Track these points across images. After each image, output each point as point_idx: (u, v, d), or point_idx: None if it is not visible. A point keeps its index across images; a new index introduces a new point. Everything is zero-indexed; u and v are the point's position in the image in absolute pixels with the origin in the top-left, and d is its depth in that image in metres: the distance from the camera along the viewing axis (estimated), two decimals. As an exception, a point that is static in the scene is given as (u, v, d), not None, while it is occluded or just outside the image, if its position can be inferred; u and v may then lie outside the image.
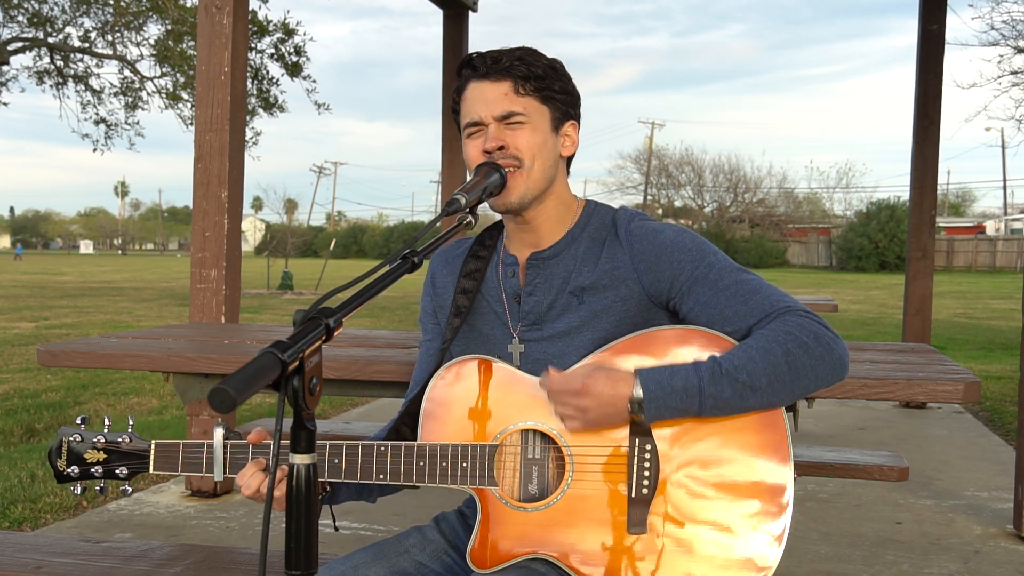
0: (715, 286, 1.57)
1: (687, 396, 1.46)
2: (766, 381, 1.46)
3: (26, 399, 6.65)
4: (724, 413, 1.49)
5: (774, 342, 1.48)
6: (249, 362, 1.03)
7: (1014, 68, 15.86)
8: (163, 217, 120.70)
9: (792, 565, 3.38)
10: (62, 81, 17.56)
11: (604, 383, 1.48)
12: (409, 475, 1.57)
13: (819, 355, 1.49)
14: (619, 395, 1.47)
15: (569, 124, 1.69)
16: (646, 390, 1.46)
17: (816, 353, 1.49)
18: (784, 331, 1.49)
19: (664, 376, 1.48)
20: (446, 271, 1.80)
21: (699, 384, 1.46)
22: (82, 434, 1.70)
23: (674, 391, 1.46)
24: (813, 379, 1.49)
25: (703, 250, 1.61)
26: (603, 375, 1.49)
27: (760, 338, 1.50)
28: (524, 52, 1.63)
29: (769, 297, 1.55)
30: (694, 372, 1.47)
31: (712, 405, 1.47)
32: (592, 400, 1.47)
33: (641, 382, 1.47)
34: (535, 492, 1.58)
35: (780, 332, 1.50)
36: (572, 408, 1.50)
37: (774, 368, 1.47)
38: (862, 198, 59.43)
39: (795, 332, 1.49)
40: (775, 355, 1.47)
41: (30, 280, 26.75)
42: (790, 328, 1.50)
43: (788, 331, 1.49)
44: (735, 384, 1.46)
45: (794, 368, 1.47)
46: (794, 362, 1.47)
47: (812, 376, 1.49)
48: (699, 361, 1.50)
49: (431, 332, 1.82)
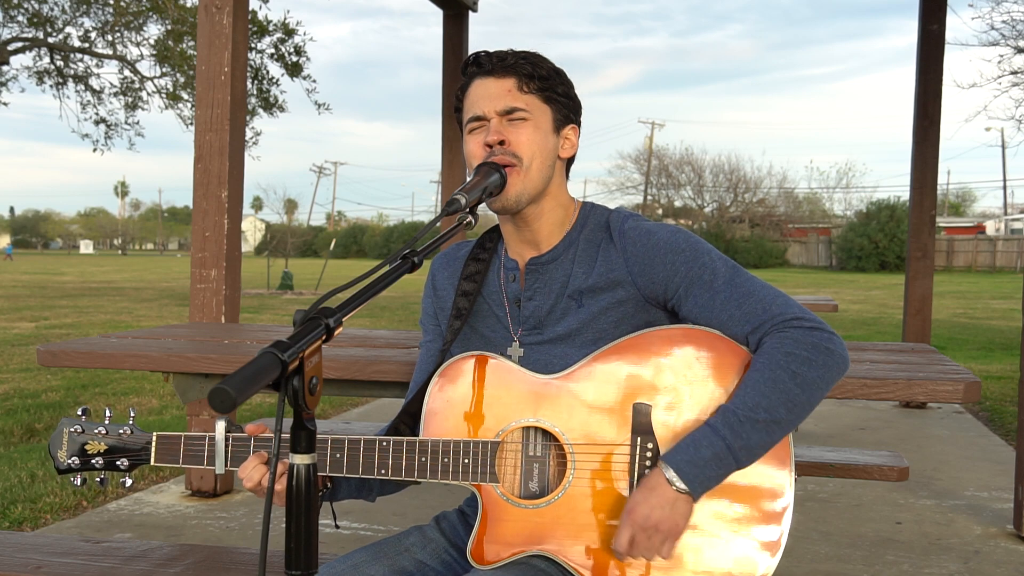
0: (710, 288, 1.57)
1: (720, 461, 1.46)
2: (785, 410, 1.46)
3: (26, 399, 6.65)
4: (761, 455, 1.49)
5: (778, 368, 1.48)
6: (249, 362, 1.03)
7: (1014, 68, 15.87)
8: (163, 217, 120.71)
9: (792, 565, 3.38)
10: (62, 81, 17.55)
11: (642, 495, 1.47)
12: (411, 470, 1.57)
13: (822, 364, 1.49)
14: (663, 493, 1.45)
15: (570, 127, 1.69)
16: (680, 472, 1.45)
17: (819, 363, 1.49)
18: (783, 353, 1.49)
19: (690, 453, 1.46)
20: (447, 273, 1.80)
21: (726, 444, 1.45)
22: (83, 425, 1.69)
23: (706, 462, 1.45)
24: (824, 387, 1.50)
25: (697, 251, 1.61)
26: (636, 493, 1.48)
27: (763, 369, 1.49)
28: (530, 54, 1.64)
29: (762, 301, 1.55)
30: (715, 435, 1.46)
31: (746, 455, 1.47)
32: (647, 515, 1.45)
33: (671, 466, 1.46)
34: (536, 489, 1.58)
35: (780, 355, 1.49)
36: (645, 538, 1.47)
37: (787, 395, 1.47)
38: (862, 198, 59.48)
39: (794, 351, 1.49)
40: (783, 382, 1.47)
41: (30, 280, 26.76)
42: (788, 348, 1.49)
43: (787, 352, 1.49)
44: (757, 424, 1.45)
45: (805, 387, 1.48)
46: (803, 381, 1.47)
47: (822, 385, 1.50)
48: (711, 420, 1.48)
49: (431, 333, 1.83)
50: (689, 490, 1.45)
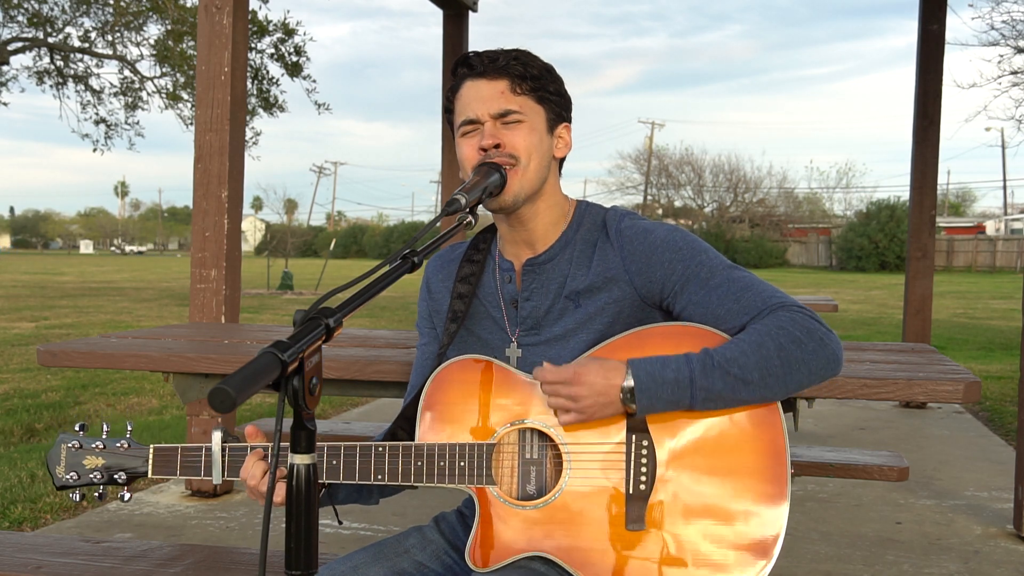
0: (707, 284, 1.58)
1: (679, 387, 1.47)
2: (758, 375, 1.47)
3: (26, 399, 6.65)
4: (717, 406, 1.50)
5: (767, 336, 1.49)
6: (249, 362, 1.03)
7: (1014, 68, 15.86)
8: (163, 217, 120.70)
9: (792, 565, 3.38)
10: (62, 81, 17.54)
11: (596, 372, 1.48)
12: (407, 475, 1.58)
13: (812, 349, 1.50)
14: (611, 384, 1.48)
15: (563, 126, 1.70)
16: (637, 380, 1.47)
17: (809, 348, 1.49)
18: (777, 326, 1.50)
19: (656, 367, 1.48)
20: (441, 275, 1.80)
21: (690, 376, 1.47)
22: (81, 440, 1.69)
23: (665, 382, 1.47)
24: (806, 373, 1.50)
25: (694, 249, 1.61)
26: (595, 364, 1.50)
27: (753, 332, 1.51)
28: (520, 53, 1.64)
29: (761, 294, 1.56)
30: (686, 364, 1.48)
31: (704, 397, 1.48)
32: (584, 388, 1.48)
33: (632, 372, 1.48)
34: (532, 491, 1.58)
35: (773, 327, 1.50)
36: (564, 398, 1.50)
37: (766, 362, 1.47)
38: (862, 198, 59.48)
39: (787, 327, 1.50)
40: (767, 349, 1.48)
41: (30, 280, 26.76)
42: (783, 323, 1.51)
43: (780, 326, 1.50)
44: (727, 377, 1.47)
45: (786, 362, 1.48)
46: (786, 356, 1.48)
47: (805, 370, 1.50)
48: (691, 353, 1.50)
49: (427, 336, 1.83)
50: (636, 404, 1.47)
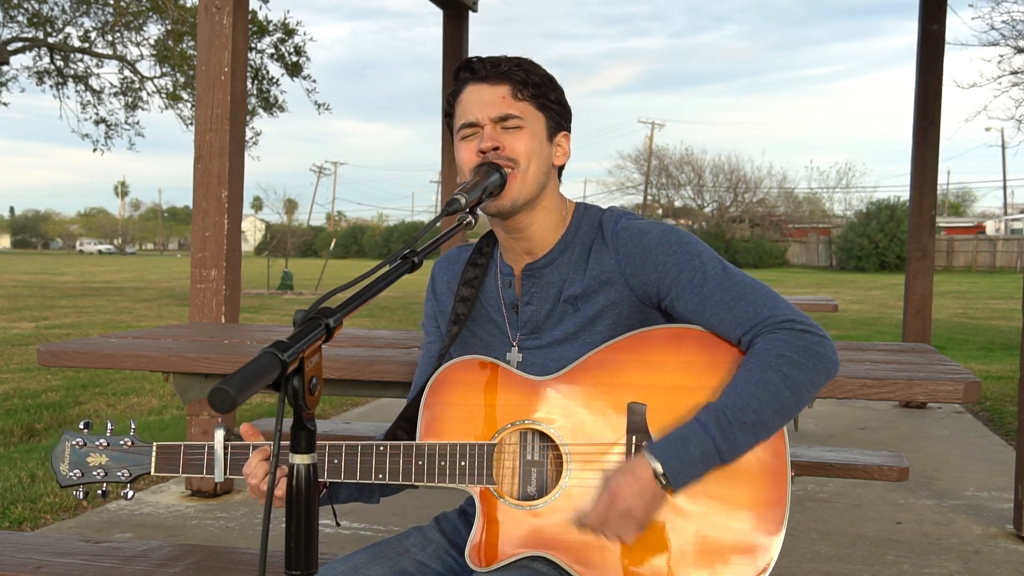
0: (700, 291, 1.57)
1: (706, 460, 1.46)
2: (772, 412, 1.47)
3: (26, 399, 6.65)
4: (744, 453, 1.50)
5: (769, 370, 1.48)
6: (249, 362, 1.03)
7: (1014, 68, 15.87)
8: (163, 217, 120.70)
9: (792, 565, 3.38)
10: (62, 81, 17.54)
11: (626, 482, 1.46)
12: (408, 474, 1.58)
13: (812, 367, 1.50)
14: (645, 481, 1.46)
15: (562, 135, 1.70)
16: (667, 467, 1.45)
17: (809, 367, 1.49)
18: (774, 355, 1.49)
19: (678, 449, 1.46)
20: (447, 277, 1.81)
21: (714, 444, 1.46)
22: (85, 438, 1.71)
23: (694, 460, 1.46)
24: (812, 390, 1.51)
25: (688, 251, 1.60)
26: (620, 476, 1.48)
27: (754, 370, 1.49)
28: (523, 60, 1.64)
29: (753, 304, 1.54)
30: (704, 433, 1.46)
31: (731, 454, 1.48)
32: (628, 502, 1.46)
33: (659, 460, 1.45)
34: (533, 492, 1.58)
35: (771, 357, 1.49)
36: (618, 521, 1.47)
37: (776, 397, 1.47)
38: (862, 198, 59.42)
39: (785, 353, 1.49)
40: (774, 384, 1.47)
41: (30, 280, 26.76)
42: (780, 350, 1.49)
43: (779, 354, 1.49)
44: (745, 426, 1.46)
45: (794, 389, 1.48)
46: (793, 384, 1.48)
47: (811, 388, 1.51)
48: (701, 416, 1.48)
49: (432, 336, 1.83)
50: (673, 486, 1.46)
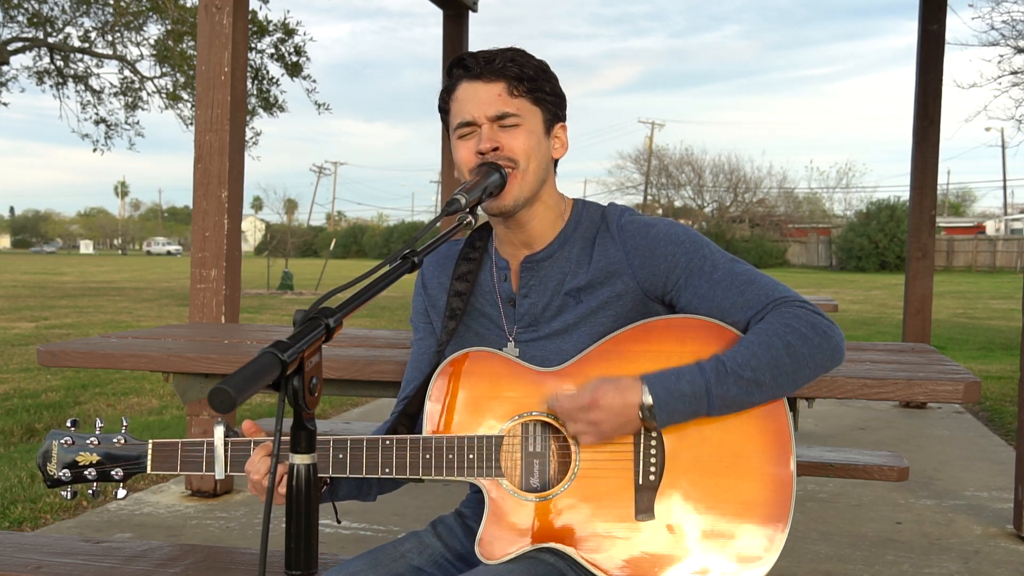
0: (710, 279, 1.59)
1: (695, 399, 1.48)
2: (770, 376, 1.49)
3: (26, 399, 6.65)
4: (732, 410, 1.52)
5: (774, 335, 1.51)
6: (249, 362, 1.03)
7: (1014, 68, 15.86)
8: (163, 217, 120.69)
9: (792, 565, 3.38)
10: (62, 81, 17.54)
11: (612, 394, 1.48)
12: (415, 468, 1.58)
13: (817, 344, 1.51)
14: (629, 404, 1.48)
15: (559, 126, 1.70)
16: (655, 396, 1.47)
17: (815, 342, 1.51)
18: (783, 323, 1.52)
19: (671, 381, 1.49)
20: (437, 272, 1.80)
21: (706, 386, 1.48)
22: (73, 437, 1.65)
23: (683, 395, 1.48)
24: (814, 367, 1.52)
25: (696, 243, 1.62)
26: (610, 386, 1.49)
27: (760, 332, 1.52)
28: (515, 53, 1.63)
29: (764, 287, 1.58)
30: (700, 374, 1.49)
31: (720, 405, 1.49)
32: (603, 412, 1.48)
33: (649, 389, 1.48)
34: (536, 484, 1.59)
35: (779, 325, 1.52)
36: (584, 423, 1.50)
37: (777, 361, 1.49)
38: (862, 198, 59.42)
39: (793, 323, 1.52)
40: (776, 348, 1.49)
41: (30, 280, 26.76)
42: (788, 320, 1.52)
43: (786, 323, 1.52)
44: (740, 381, 1.48)
45: (795, 359, 1.50)
46: (795, 353, 1.50)
47: (813, 365, 1.52)
48: (702, 361, 1.50)
49: (423, 331, 1.83)
50: (656, 421, 1.48)
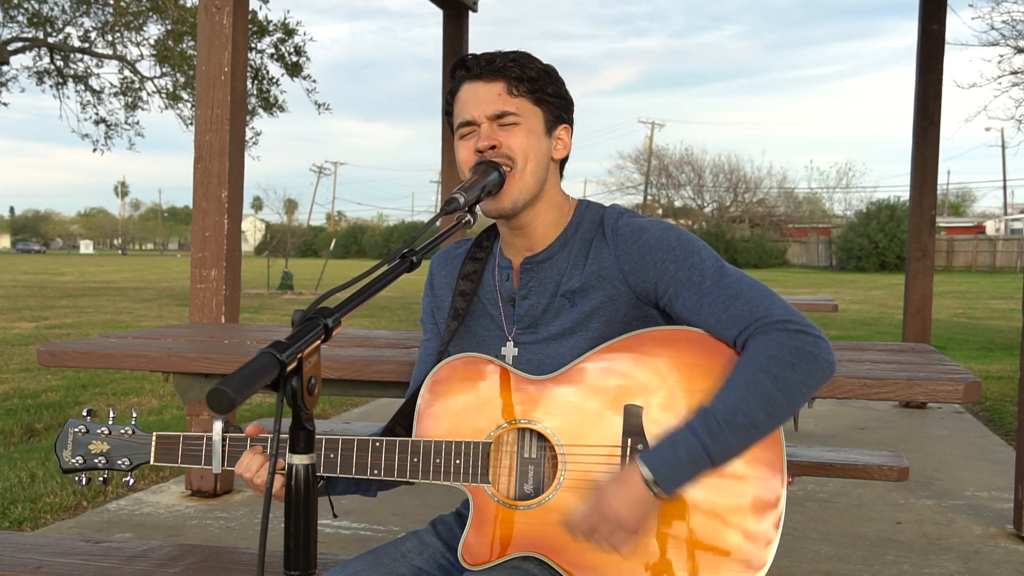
0: (698, 291, 1.57)
1: (695, 463, 1.45)
2: (764, 414, 1.46)
3: (26, 399, 6.65)
4: (737, 456, 1.49)
5: (759, 372, 1.47)
6: (248, 362, 1.03)
7: (1014, 68, 15.87)
8: (163, 217, 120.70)
9: (792, 565, 3.38)
10: (62, 81, 17.54)
11: (616, 492, 1.46)
12: (403, 471, 1.58)
13: (805, 368, 1.48)
14: (636, 489, 1.45)
15: (562, 128, 1.69)
16: (656, 472, 1.45)
17: (802, 368, 1.47)
18: (766, 355, 1.47)
19: (667, 453, 1.46)
20: (445, 272, 1.81)
21: (703, 447, 1.45)
22: (87, 425, 1.75)
23: (683, 464, 1.45)
24: (806, 392, 1.49)
25: (687, 249, 1.60)
26: (610, 487, 1.47)
27: (745, 371, 1.48)
28: (518, 55, 1.63)
29: (749, 303, 1.53)
30: (693, 437, 1.45)
31: (722, 458, 1.47)
32: (616, 510, 1.45)
33: (648, 466, 1.45)
34: (530, 491, 1.58)
35: (763, 358, 1.47)
36: (608, 529, 1.47)
37: (767, 399, 1.46)
38: (862, 198, 59.43)
39: (777, 354, 1.47)
40: (764, 385, 1.46)
41: (30, 280, 26.76)
42: (771, 351, 1.48)
43: (770, 355, 1.47)
44: (735, 428, 1.45)
45: (785, 391, 1.47)
46: (784, 385, 1.47)
47: (804, 389, 1.49)
48: (691, 421, 1.47)
49: (430, 332, 1.83)
50: (663, 491, 1.45)
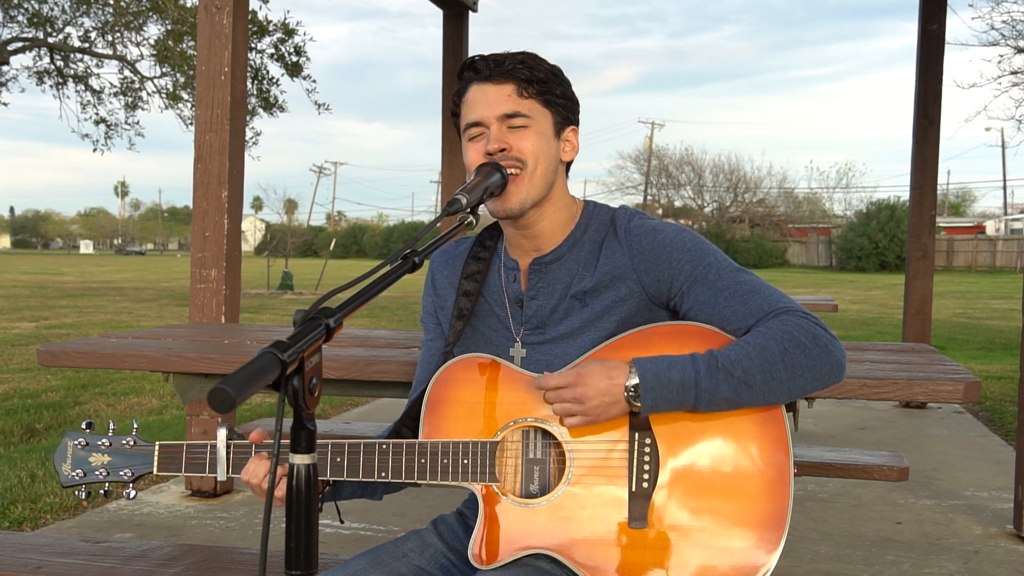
0: (714, 286, 1.58)
1: (683, 389, 1.48)
2: (761, 378, 1.48)
3: (26, 399, 6.65)
4: (720, 408, 1.51)
5: (771, 340, 1.50)
6: (249, 362, 1.03)
7: (1014, 68, 15.90)
8: (163, 217, 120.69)
9: (792, 565, 3.38)
10: (62, 81, 17.55)
11: (599, 373, 1.49)
12: (411, 472, 1.58)
13: (815, 356, 1.50)
14: (615, 383, 1.48)
15: (570, 129, 1.69)
16: (643, 379, 1.47)
17: (813, 354, 1.50)
18: (782, 330, 1.51)
19: (661, 367, 1.49)
20: (447, 271, 1.80)
21: (695, 377, 1.47)
22: (87, 438, 1.70)
23: (671, 383, 1.47)
24: (809, 379, 1.51)
25: (702, 250, 1.62)
26: (597, 365, 1.50)
27: (758, 335, 1.51)
28: (526, 56, 1.63)
29: (768, 298, 1.56)
30: (691, 365, 1.49)
31: (708, 400, 1.49)
32: (589, 389, 1.48)
33: (638, 371, 1.48)
34: (535, 490, 1.58)
35: (778, 331, 1.51)
36: (569, 401, 1.50)
37: (770, 366, 1.48)
38: (862, 198, 59.41)
39: (793, 332, 1.50)
40: (771, 353, 1.49)
41: (30, 280, 26.75)
42: (788, 328, 1.51)
43: (786, 330, 1.51)
44: (730, 379, 1.47)
45: (790, 367, 1.49)
46: (790, 361, 1.49)
47: (808, 376, 1.50)
48: (696, 354, 1.51)
49: (432, 332, 1.83)
50: (640, 403, 1.48)
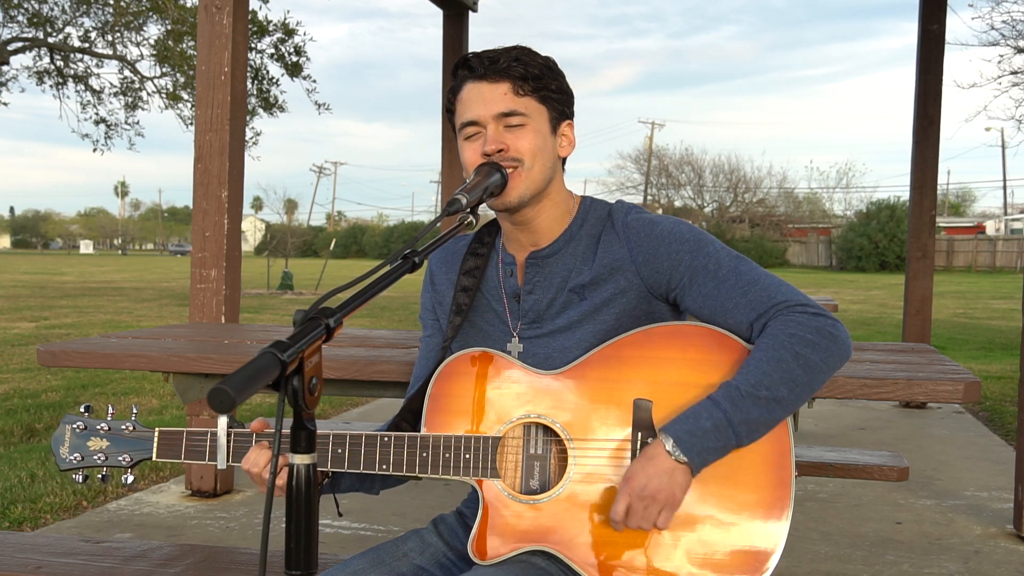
0: (715, 277, 1.59)
1: (719, 432, 1.46)
2: (787, 389, 1.47)
3: (26, 399, 6.64)
4: (761, 433, 1.49)
5: (781, 348, 1.49)
6: (249, 362, 1.03)
7: (1014, 68, 15.91)
8: (163, 217, 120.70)
9: (792, 565, 3.38)
10: (62, 81, 17.54)
11: (638, 466, 1.47)
12: (412, 465, 1.58)
13: (825, 347, 1.51)
14: (658, 459, 1.46)
15: (566, 124, 1.69)
16: (676, 439, 1.45)
17: (823, 347, 1.50)
18: (787, 334, 1.50)
19: (689, 423, 1.47)
20: (445, 268, 1.81)
21: (726, 417, 1.46)
22: (85, 422, 1.70)
23: (705, 432, 1.46)
24: (826, 371, 1.52)
25: (700, 241, 1.62)
26: (635, 464, 1.48)
27: (767, 348, 1.50)
28: (520, 52, 1.63)
29: (767, 289, 1.57)
30: (715, 407, 1.47)
31: (746, 431, 1.47)
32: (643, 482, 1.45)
33: (670, 435, 1.46)
34: (536, 486, 1.58)
35: (784, 336, 1.50)
36: (641, 506, 1.46)
37: (789, 375, 1.48)
38: (862, 198, 59.44)
39: (798, 332, 1.50)
40: (786, 362, 1.48)
41: (30, 280, 26.75)
42: (791, 329, 1.51)
43: (791, 333, 1.50)
44: (758, 401, 1.46)
45: (807, 368, 1.49)
46: (806, 362, 1.49)
47: (825, 369, 1.51)
48: (712, 394, 1.49)
49: (431, 328, 1.83)
50: (687, 460, 1.45)
